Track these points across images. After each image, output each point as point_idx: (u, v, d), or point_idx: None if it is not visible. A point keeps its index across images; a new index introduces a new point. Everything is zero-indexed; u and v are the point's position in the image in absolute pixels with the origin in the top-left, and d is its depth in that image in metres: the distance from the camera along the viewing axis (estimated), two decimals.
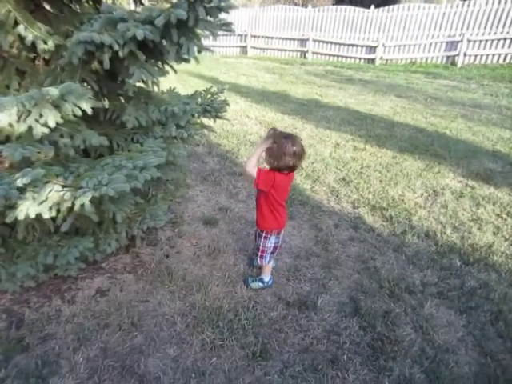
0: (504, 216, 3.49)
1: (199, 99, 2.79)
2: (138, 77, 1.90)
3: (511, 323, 2.18)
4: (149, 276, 2.45)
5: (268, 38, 15.58)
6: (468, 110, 7.64)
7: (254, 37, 15.72)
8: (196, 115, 2.58)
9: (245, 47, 15.93)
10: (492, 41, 11.81)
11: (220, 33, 2.10)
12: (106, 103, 2.24)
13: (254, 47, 15.82)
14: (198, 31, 2.04)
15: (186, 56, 2.06)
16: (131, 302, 2.23)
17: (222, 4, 1.81)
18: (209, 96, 2.83)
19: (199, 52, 2.11)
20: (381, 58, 13.20)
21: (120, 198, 1.94)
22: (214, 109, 2.58)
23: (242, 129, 5.69)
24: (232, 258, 2.66)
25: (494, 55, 11.83)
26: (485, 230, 3.19)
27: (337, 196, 3.65)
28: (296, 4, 18.21)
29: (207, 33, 1.98)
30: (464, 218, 3.38)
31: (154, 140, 2.25)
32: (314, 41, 14.46)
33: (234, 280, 2.43)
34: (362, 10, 13.67)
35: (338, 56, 14.19)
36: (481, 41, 11.86)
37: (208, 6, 1.81)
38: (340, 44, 14.11)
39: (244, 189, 3.72)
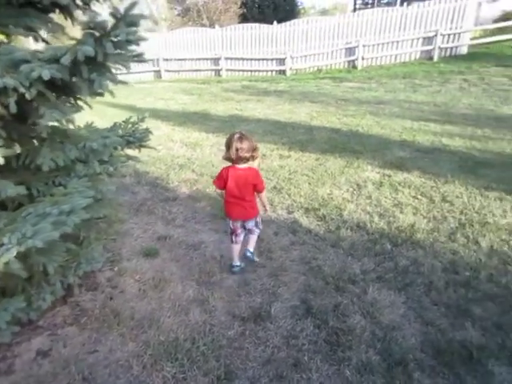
0: (419, 197, 3.89)
1: (120, 131, 2.73)
2: (50, 117, 1.82)
3: (442, 291, 2.44)
4: (93, 324, 2.30)
5: (181, 60, 15.67)
6: (374, 106, 8.42)
7: (167, 60, 15.71)
8: (119, 147, 2.53)
9: (158, 71, 15.83)
10: (383, 44, 13.19)
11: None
12: (18, 148, 2.10)
13: (168, 70, 15.78)
14: (110, 65, 2.02)
15: (100, 90, 2.02)
16: (78, 355, 2.08)
17: (131, 37, 1.82)
18: (129, 126, 2.79)
19: (116, 84, 2.08)
20: (291, 69, 13.99)
21: (49, 248, 1.82)
22: (136, 139, 2.55)
23: (169, 153, 5.64)
24: (179, 285, 2.62)
25: (386, 56, 13.21)
26: (406, 212, 3.54)
27: (271, 205, 3.78)
28: (204, 25, 18.58)
29: (119, 66, 1.97)
30: (387, 205, 3.71)
31: (79, 180, 2.16)
32: (226, 59, 14.87)
33: (186, 307, 2.39)
34: (266, 26, 14.43)
35: (251, 71, 14.74)
36: (374, 45, 13.19)
37: (116, 40, 1.80)
38: (251, 59, 14.69)
39: (180, 213, 3.68)
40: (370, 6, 22.26)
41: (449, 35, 12.51)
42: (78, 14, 2.27)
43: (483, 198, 3.85)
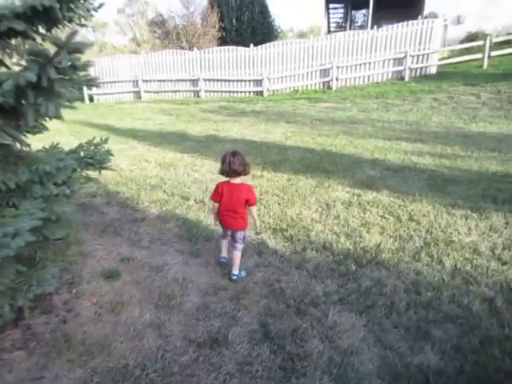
0: (387, 216, 3.93)
1: (82, 152, 2.68)
2: None
3: (402, 312, 2.42)
4: (43, 348, 2.18)
5: (160, 81, 15.78)
6: (348, 126, 8.60)
7: (146, 81, 15.78)
8: (78, 169, 2.47)
9: (138, 92, 15.87)
10: (356, 65, 13.62)
11: (111, 79, 2.09)
12: None
13: (147, 91, 15.84)
14: (59, 89, 1.99)
15: (51, 114, 1.99)
16: (23, 382, 1.96)
17: (75, 63, 1.80)
18: (92, 148, 2.74)
19: (72, 101, 2.07)
20: (268, 90, 14.24)
21: None
22: (96, 161, 2.50)
23: (142, 173, 5.57)
24: (137, 309, 2.52)
25: (360, 77, 13.62)
26: (372, 232, 3.55)
27: None
28: (183, 48, 18.85)
29: (67, 90, 1.95)
30: (354, 225, 3.72)
31: (33, 201, 2.09)
32: (205, 80, 15.04)
33: (141, 332, 2.29)
34: (243, 48, 14.74)
35: (229, 92, 14.93)
36: (347, 66, 13.60)
37: (60, 66, 1.78)
38: (229, 80, 14.91)
39: (147, 234, 3.60)
40: (343, 28, 23.06)
41: (418, 56, 13.02)
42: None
43: (449, 216, 3.91)
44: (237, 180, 2.77)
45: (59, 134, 8.78)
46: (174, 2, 26.25)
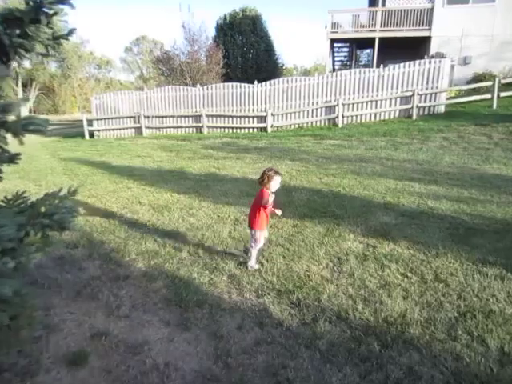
0: (408, 274, 3.39)
1: (43, 207, 2.21)
2: None
3: None
4: None
5: (162, 117, 15.69)
6: (355, 165, 8.19)
7: (148, 117, 15.69)
8: (32, 232, 1.99)
9: (139, 128, 15.74)
10: (362, 103, 13.48)
11: (113, 115, 1.67)
12: None
13: (148, 127, 15.72)
14: None
15: None
16: None
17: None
18: (56, 201, 2.28)
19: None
20: (272, 126, 14.05)
21: None
22: (56, 221, 2.02)
23: (133, 218, 5.10)
24: None
25: (366, 115, 13.44)
26: (394, 297, 3.00)
27: (238, 285, 3.21)
28: (187, 84, 19.02)
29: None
30: (373, 286, 3.18)
31: None
32: (208, 116, 14.93)
33: None
34: (247, 85, 14.72)
35: (232, 128, 14.77)
36: (353, 104, 13.45)
37: None
38: (233, 116, 14.79)
39: (128, 298, 3.06)
40: (348, 67, 23.39)
41: (425, 95, 12.88)
42: None
43: (482, 275, 3.37)
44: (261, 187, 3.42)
45: (52, 172, 8.45)
46: (179, 40, 27.06)
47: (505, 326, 2.62)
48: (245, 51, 25.30)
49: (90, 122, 16.15)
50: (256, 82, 14.66)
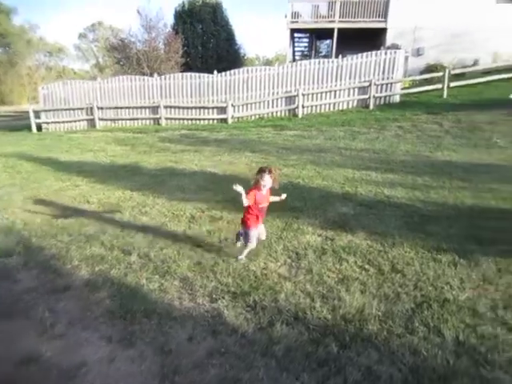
0: (366, 267, 3.35)
1: None
2: None
3: None
4: None
5: (117, 108, 14.94)
6: (315, 155, 8.16)
7: (102, 109, 14.89)
8: None
9: (92, 120, 14.90)
10: (321, 93, 13.50)
11: (61, 106, 1.36)
12: None
13: (103, 119, 14.93)
14: None
15: None
16: None
17: None
18: None
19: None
20: (232, 117, 13.78)
21: None
22: None
23: (78, 220, 4.71)
24: None
25: (325, 104, 13.50)
26: (353, 291, 2.93)
27: (191, 289, 3.01)
28: (144, 74, 18.20)
29: None
30: (331, 281, 3.10)
31: None
32: (166, 107, 14.39)
33: None
34: (206, 75, 14.31)
35: (191, 119, 14.34)
36: (312, 94, 13.45)
37: None
38: (192, 108, 14.35)
39: (66, 313, 2.74)
40: (308, 57, 23.43)
41: (382, 85, 13.10)
42: None
43: (436, 263, 3.39)
44: None
45: None
46: (135, 27, 25.81)
47: (459, 314, 2.62)
48: (205, 40, 24.65)
49: (37, 114, 15.06)
50: (216, 71, 14.27)
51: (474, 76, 13.67)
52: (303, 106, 13.35)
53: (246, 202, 3.26)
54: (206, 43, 24.61)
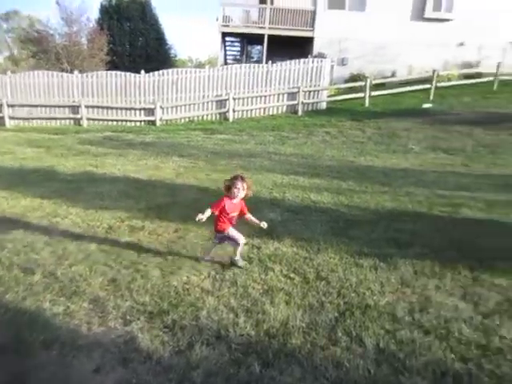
0: (292, 275, 3.30)
1: None
2: None
3: None
4: None
5: (31, 106, 13.56)
6: (245, 160, 8.12)
7: (13, 106, 13.40)
8: None
9: (2, 118, 13.35)
10: (252, 98, 13.61)
11: None
12: None
13: (13, 118, 13.45)
14: None
15: None
16: None
17: None
18: None
19: None
20: (161, 119, 13.28)
21: None
22: None
23: None
24: None
25: (256, 109, 13.64)
26: (277, 303, 2.85)
27: (102, 312, 2.69)
28: (64, 70, 16.77)
29: None
30: (255, 293, 2.98)
31: None
32: (88, 107, 13.41)
33: None
34: (134, 74, 13.64)
35: (117, 120, 13.55)
36: (243, 98, 13.49)
37: None
38: (117, 108, 13.57)
39: None
40: (240, 62, 23.55)
41: (309, 92, 13.60)
42: None
43: (358, 268, 3.46)
44: None
45: None
46: (54, 19, 23.63)
47: (379, 320, 2.66)
48: (133, 38, 23.59)
49: None
50: (143, 71, 13.64)
51: (393, 86, 14.82)
52: (234, 110, 13.33)
53: (208, 211, 3.17)
54: (134, 41, 23.58)
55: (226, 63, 22.88)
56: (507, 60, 16.18)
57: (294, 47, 18.22)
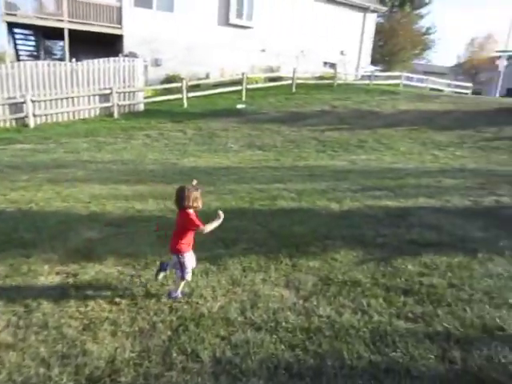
0: (117, 300, 2.93)
1: None
2: None
3: None
4: None
5: None
6: (53, 172, 7.01)
7: None
8: None
9: None
10: (57, 100, 11.92)
11: None
12: None
13: None
14: None
15: None
16: None
17: None
18: None
19: None
20: None
21: None
22: None
23: None
24: None
25: (63, 113, 12.06)
26: (102, 337, 2.47)
27: None
28: None
29: None
30: (73, 333, 2.50)
31: None
32: None
33: None
34: None
35: None
36: (45, 101, 11.69)
37: None
38: None
39: None
40: (37, 58, 20.28)
41: (124, 93, 12.84)
42: None
43: (193, 276, 3.35)
44: None
45: None
46: None
47: (214, 328, 2.61)
48: None
49: None
50: None
51: (208, 88, 15.51)
52: (35, 115, 11.38)
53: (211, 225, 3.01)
54: None
55: (18, 60, 19.34)
56: (300, 66, 19.17)
57: (103, 45, 16.87)
